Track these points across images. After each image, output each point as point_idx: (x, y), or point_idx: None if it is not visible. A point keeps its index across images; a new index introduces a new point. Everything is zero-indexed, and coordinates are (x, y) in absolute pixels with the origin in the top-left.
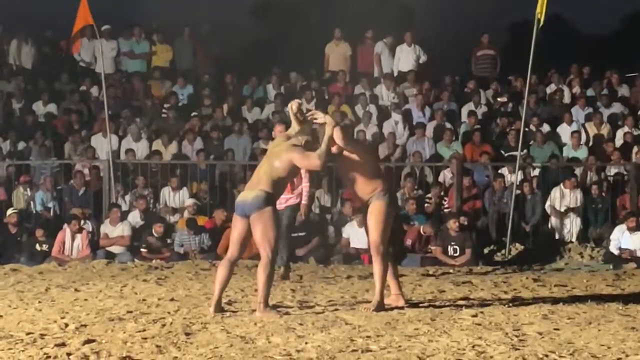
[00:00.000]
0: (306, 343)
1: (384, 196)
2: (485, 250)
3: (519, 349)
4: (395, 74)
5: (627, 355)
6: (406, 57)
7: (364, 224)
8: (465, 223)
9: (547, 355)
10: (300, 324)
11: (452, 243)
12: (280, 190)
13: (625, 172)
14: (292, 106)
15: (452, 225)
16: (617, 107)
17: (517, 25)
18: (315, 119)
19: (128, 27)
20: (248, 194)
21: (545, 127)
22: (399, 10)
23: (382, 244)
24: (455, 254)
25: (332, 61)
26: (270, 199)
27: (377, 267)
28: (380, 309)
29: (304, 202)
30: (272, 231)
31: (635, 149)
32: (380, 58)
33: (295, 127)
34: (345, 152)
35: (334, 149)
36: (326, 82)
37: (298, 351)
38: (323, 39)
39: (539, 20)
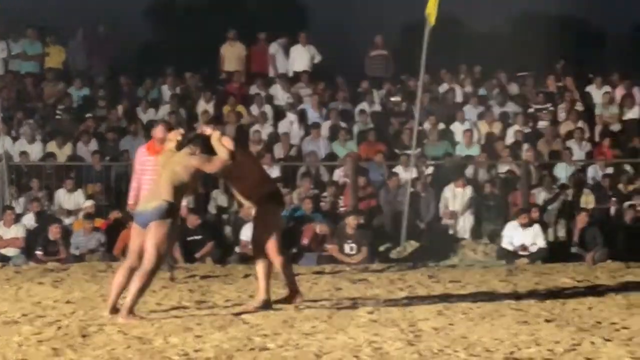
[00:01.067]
0: (204, 343)
1: (269, 200)
2: (381, 248)
3: (414, 345)
4: (290, 74)
5: (519, 349)
6: (300, 58)
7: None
8: (361, 221)
9: (442, 350)
10: (198, 324)
11: (349, 241)
12: (181, 197)
13: (516, 170)
14: (173, 137)
15: (348, 223)
16: (508, 106)
17: (410, 26)
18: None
19: (21, 28)
20: (149, 204)
21: (439, 126)
22: (293, 11)
23: (265, 245)
24: (351, 252)
25: (227, 62)
26: (171, 209)
27: (260, 267)
28: (266, 307)
29: None
30: (165, 244)
31: (525, 146)
32: (275, 58)
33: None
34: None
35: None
36: (222, 83)
37: (196, 351)
38: (218, 39)
39: (429, 21)
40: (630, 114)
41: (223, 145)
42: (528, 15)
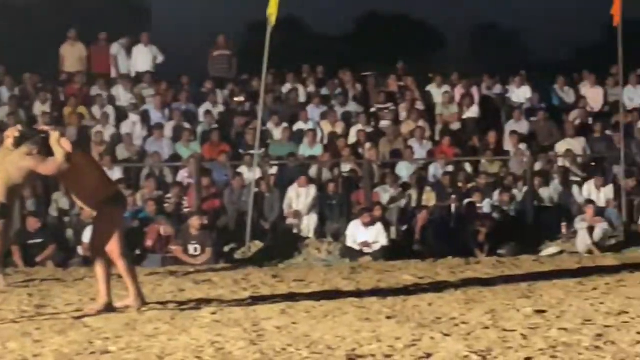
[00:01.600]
0: (43, 347)
1: (108, 203)
2: (226, 249)
3: (257, 344)
4: (133, 74)
5: (360, 346)
6: (143, 58)
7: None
8: (206, 222)
9: (284, 349)
10: (37, 329)
11: (193, 242)
12: (15, 198)
13: (358, 169)
14: (10, 134)
15: (192, 224)
16: (351, 106)
17: (253, 26)
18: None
19: None
20: None
21: (283, 126)
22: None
23: (104, 247)
24: (195, 253)
25: (67, 62)
26: (3, 210)
27: (99, 270)
28: (107, 309)
29: None
30: None
31: (368, 145)
32: (116, 59)
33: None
34: (73, 160)
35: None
36: (62, 84)
37: (35, 356)
38: (58, 39)
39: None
40: (469, 113)
41: (61, 146)
42: (370, 15)
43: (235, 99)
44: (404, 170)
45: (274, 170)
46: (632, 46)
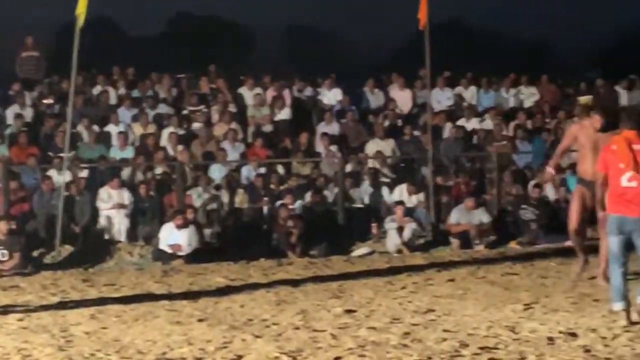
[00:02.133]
0: None
1: None
2: (35, 253)
3: (65, 350)
4: None
5: (171, 349)
6: None
7: None
8: (14, 227)
9: (93, 354)
10: None
11: (0, 247)
12: None
13: (170, 171)
14: None
15: (0, 229)
16: (162, 108)
17: (64, 27)
18: None
19: None
20: None
21: (93, 128)
22: None
23: None
24: (3, 259)
25: None
26: None
27: None
28: None
29: None
30: None
31: (180, 147)
32: None
33: None
34: None
35: None
36: None
37: None
38: None
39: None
40: (281, 115)
41: None
42: (182, 16)
43: (44, 101)
44: (217, 172)
45: (84, 173)
46: (439, 49)
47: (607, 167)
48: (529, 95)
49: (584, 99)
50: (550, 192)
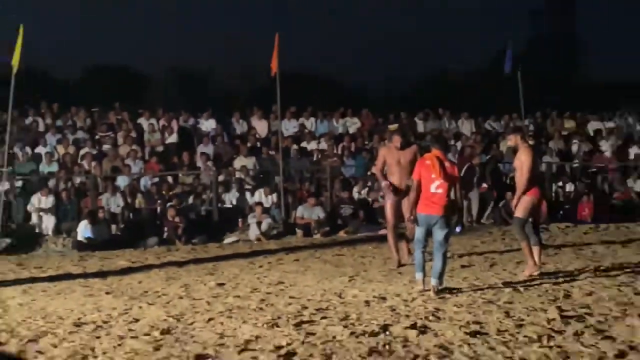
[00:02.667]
0: None
1: None
2: None
3: (2, 317)
4: None
5: (85, 315)
6: None
7: None
8: None
9: (24, 320)
10: None
11: None
12: None
13: (87, 181)
14: None
15: None
16: (79, 134)
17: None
18: None
19: None
20: None
21: (27, 150)
22: None
23: None
24: None
25: None
26: None
27: None
28: None
29: None
30: None
31: (93, 163)
32: None
33: None
34: None
35: None
36: None
37: None
38: None
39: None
40: (170, 139)
41: None
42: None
43: None
44: (122, 182)
45: (19, 183)
46: (288, 90)
47: (421, 176)
48: (353, 124)
49: (392, 126)
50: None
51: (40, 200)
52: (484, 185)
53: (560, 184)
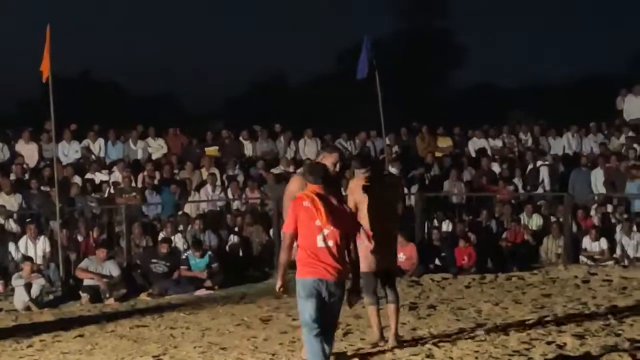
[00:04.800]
0: None
1: None
2: None
3: None
4: None
5: None
6: None
7: None
8: None
9: None
10: None
11: None
12: None
13: None
14: None
15: None
16: None
17: None
18: None
19: None
20: None
21: None
22: None
23: None
24: None
25: None
26: None
27: None
28: None
29: None
30: None
31: None
32: None
33: None
34: None
35: None
36: None
37: None
38: None
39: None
40: None
41: None
42: None
43: None
44: None
45: None
46: (65, 102)
47: (297, 224)
48: (157, 148)
49: (211, 150)
50: (179, 244)
51: None
52: None
53: (435, 222)
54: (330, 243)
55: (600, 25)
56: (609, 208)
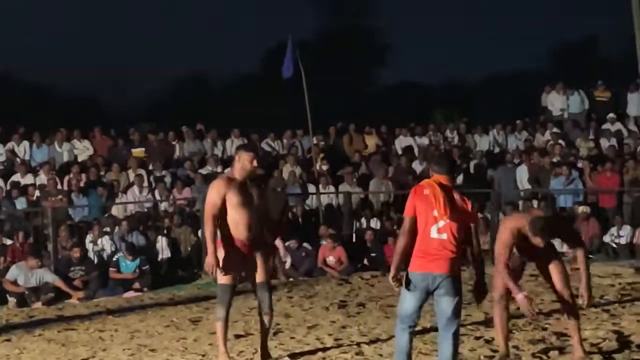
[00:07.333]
0: None
1: None
2: None
3: None
4: None
5: None
6: None
7: None
8: None
9: None
10: None
11: None
12: None
13: None
14: None
15: None
16: None
17: None
18: None
19: None
20: None
21: None
22: None
23: None
24: None
25: None
26: None
27: None
28: None
29: None
30: None
31: None
32: None
33: None
34: None
35: None
36: None
37: None
38: None
39: None
40: None
41: None
42: None
43: None
44: None
45: None
46: None
47: (416, 212)
48: (83, 149)
49: (137, 151)
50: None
51: None
52: None
53: (364, 221)
54: (445, 236)
55: (521, 24)
56: (535, 204)
